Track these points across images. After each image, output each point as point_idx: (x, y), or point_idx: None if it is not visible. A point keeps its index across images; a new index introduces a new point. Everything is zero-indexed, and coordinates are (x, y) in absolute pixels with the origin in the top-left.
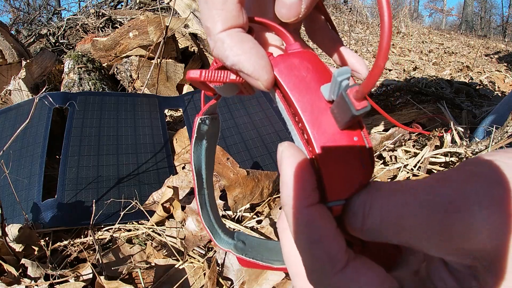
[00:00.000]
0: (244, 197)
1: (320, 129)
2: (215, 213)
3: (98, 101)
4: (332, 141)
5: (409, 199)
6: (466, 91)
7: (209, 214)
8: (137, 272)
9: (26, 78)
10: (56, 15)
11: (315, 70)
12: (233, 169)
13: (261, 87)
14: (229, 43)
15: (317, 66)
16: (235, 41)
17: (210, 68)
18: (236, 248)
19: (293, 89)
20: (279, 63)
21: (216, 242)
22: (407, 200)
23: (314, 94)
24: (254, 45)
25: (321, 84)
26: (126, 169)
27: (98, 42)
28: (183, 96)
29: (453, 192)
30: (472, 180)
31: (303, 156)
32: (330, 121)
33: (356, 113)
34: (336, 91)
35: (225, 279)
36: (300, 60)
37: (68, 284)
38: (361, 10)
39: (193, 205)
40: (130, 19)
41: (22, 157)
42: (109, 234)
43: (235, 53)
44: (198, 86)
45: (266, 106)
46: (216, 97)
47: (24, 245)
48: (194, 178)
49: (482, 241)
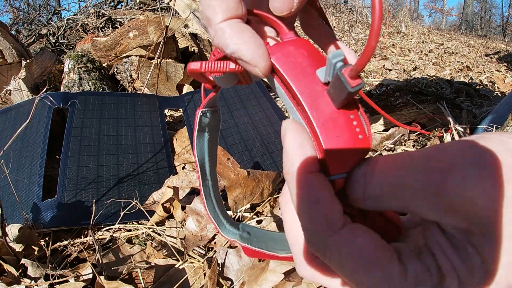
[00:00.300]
0: (244, 197)
1: (318, 110)
2: (219, 204)
3: (98, 101)
4: (330, 120)
5: (408, 165)
6: (466, 91)
7: (214, 205)
8: (137, 272)
9: (26, 78)
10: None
11: (310, 56)
12: (233, 169)
13: (259, 74)
14: (229, 32)
15: (311, 52)
16: (234, 31)
17: (209, 60)
18: (241, 238)
19: (291, 75)
20: (276, 51)
21: (221, 232)
22: (406, 165)
23: (310, 78)
24: (253, 34)
25: (316, 68)
26: (126, 169)
27: (98, 42)
28: (183, 96)
29: (449, 158)
30: (467, 149)
31: (305, 130)
32: (327, 102)
33: (351, 90)
34: (332, 72)
35: (225, 279)
36: (295, 47)
37: (68, 284)
38: (361, 10)
39: (193, 205)
40: (130, 19)
41: (22, 157)
42: (109, 234)
43: (235, 42)
44: (198, 79)
45: (266, 106)
46: (215, 90)
47: (24, 245)
48: (197, 169)
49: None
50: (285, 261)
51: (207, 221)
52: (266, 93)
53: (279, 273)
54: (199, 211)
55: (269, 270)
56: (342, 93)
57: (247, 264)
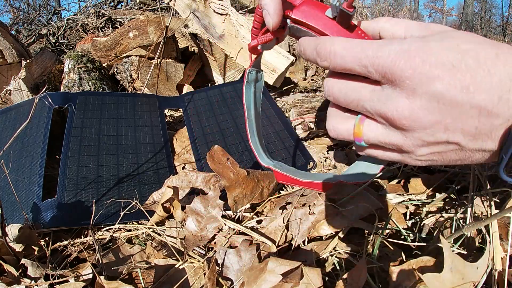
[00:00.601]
0: (244, 197)
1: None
2: (260, 140)
3: (98, 101)
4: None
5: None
6: None
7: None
8: (137, 272)
9: (26, 78)
10: (56, 15)
11: (316, 6)
12: (233, 169)
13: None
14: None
15: (317, 4)
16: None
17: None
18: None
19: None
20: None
21: (260, 161)
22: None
23: (323, 18)
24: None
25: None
26: (126, 169)
27: (98, 42)
28: (183, 96)
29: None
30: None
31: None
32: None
33: (351, 13)
34: (335, 8)
35: (225, 279)
36: (307, 4)
37: (68, 284)
38: (361, 10)
39: (193, 205)
40: (130, 19)
41: (22, 157)
42: (109, 234)
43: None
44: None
45: (265, 106)
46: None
47: (24, 245)
48: (245, 111)
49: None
50: (284, 262)
51: (207, 221)
52: (266, 93)
53: (278, 274)
54: (199, 211)
55: (268, 271)
56: (346, 18)
57: (247, 264)
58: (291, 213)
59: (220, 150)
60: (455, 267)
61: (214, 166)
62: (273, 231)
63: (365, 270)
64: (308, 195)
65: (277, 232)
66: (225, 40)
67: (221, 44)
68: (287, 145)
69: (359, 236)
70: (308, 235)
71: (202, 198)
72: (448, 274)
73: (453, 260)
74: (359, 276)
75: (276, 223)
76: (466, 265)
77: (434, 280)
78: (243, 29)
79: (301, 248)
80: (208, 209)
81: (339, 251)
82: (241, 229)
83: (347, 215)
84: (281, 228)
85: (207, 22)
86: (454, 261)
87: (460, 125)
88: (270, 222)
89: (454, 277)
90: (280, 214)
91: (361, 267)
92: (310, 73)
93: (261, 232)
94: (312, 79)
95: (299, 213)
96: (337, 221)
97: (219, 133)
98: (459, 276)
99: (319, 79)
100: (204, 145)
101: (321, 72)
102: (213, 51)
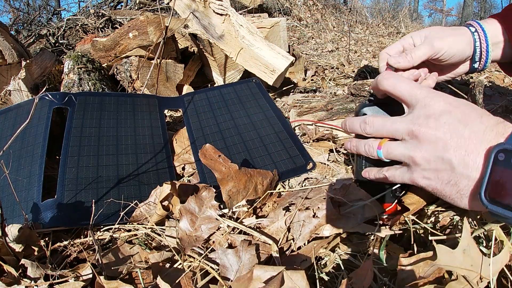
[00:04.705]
0: (238, 192)
1: None
2: None
3: (98, 101)
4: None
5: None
6: (465, 91)
7: None
8: (137, 272)
9: (26, 78)
10: (56, 15)
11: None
12: (224, 164)
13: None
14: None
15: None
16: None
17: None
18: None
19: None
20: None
21: None
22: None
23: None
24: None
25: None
26: (126, 169)
27: (98, 42)
28: (183, 97)
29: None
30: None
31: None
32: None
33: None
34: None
35: (224, 279)
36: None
37: (68, 284)
38: (361, 10)
39: (187, 205)
40: (130, 20)
41: (22, 157)
42: (108, 234)
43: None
44: None
45: (265, 107)
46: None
47: (24, 245)
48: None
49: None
50: (269, 268)
51: (201, 222)
52: (265, 94)
53: (261, 282)
54: (193, 211)
55: (253, 279)
56: None
57: (246, 265)
58: (294, 215)
59: (212, 148)
60: (468, 251)
61: (206, 161)
62: (275, 232)
63: (371, 270)
64: (313, 198)
65: (279, 233)
66: (225, 41)
67: (221, 45)
68: (286, 146)
69: (360, 236)
70: (309, 238)
71: (196, 198)
72: (459, 254)
73: (468, 244)
74: (364, 276)
75: (278, 224)
76: (479, 256)
77: (445, 253)
78: (243, 29)
79: (302, 249)
80: (203, 209)
81: (339, 251)
82: (242, 228)
83: (351, 217)
84: (283, 229)
85: (207, 23)
86: (469, 245)
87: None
88: (272, 223)
89: (464, 260)
90: (283, 216)
91: (367, 267)
92: (310, 73)
93: (263, 232)
94: (312, 79)
95: (302, 215)
96: (341, 223)
97: (219, 133)
98: (469, 262)
99: (318, 79)
100: None
101: (321, 72)
102: (213, 51)
